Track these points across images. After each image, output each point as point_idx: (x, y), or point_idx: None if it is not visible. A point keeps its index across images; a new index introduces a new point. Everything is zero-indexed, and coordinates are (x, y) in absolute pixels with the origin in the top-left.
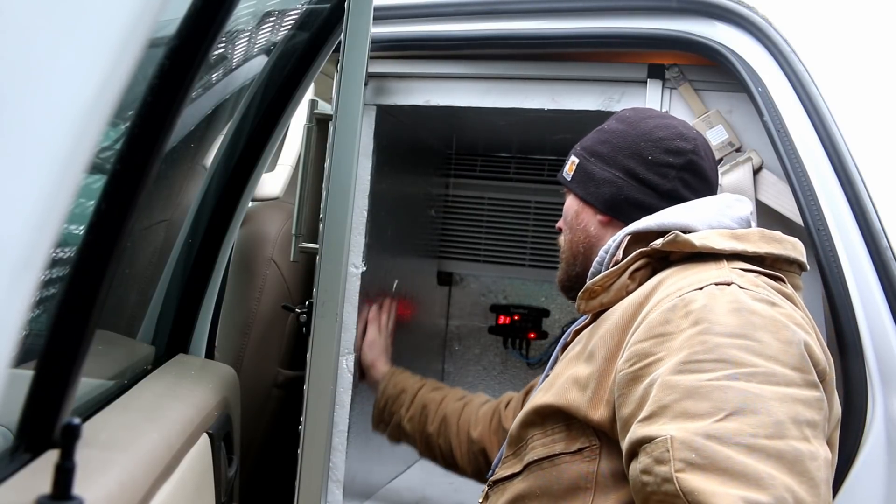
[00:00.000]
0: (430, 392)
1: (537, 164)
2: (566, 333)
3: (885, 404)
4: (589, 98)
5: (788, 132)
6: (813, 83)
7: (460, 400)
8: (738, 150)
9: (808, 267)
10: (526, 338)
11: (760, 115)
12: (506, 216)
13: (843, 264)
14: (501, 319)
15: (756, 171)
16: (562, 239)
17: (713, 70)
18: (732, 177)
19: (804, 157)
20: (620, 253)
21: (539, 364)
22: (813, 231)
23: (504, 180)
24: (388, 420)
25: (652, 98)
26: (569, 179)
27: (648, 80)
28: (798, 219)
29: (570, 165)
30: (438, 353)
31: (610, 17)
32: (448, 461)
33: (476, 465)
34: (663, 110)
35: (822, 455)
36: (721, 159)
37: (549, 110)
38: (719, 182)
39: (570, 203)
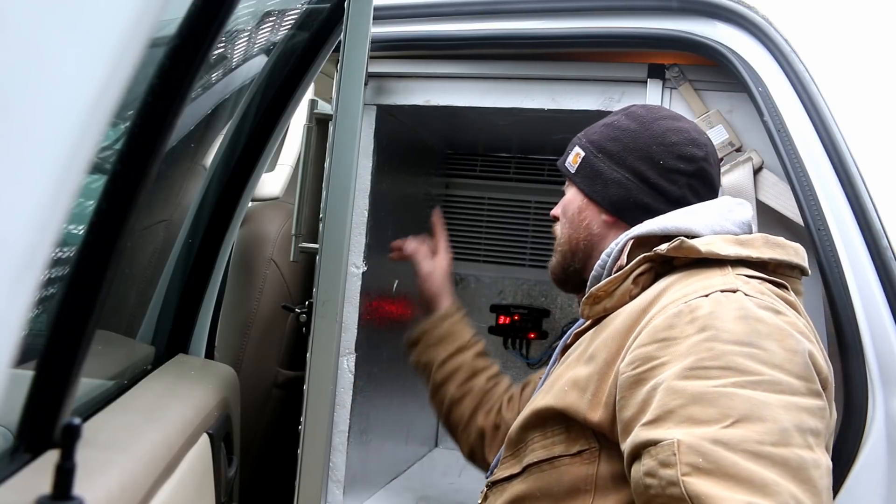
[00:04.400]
0: (474, 359)
1: (537, 164)
2: (566, 336)
3: (886, 404)
4: (589, 98)
5: (789, 132)
6: (813, 83)
7: (491, 379)
8: (738, 150)
9: (810, 272)
10: (526, 338)
11: (761, 114)
12: (506, 216)
13: (843, 264)
14: (501, 319)
15: (756, 171)
16: (558, 229)
17: (713, 70)
18: (732, 177)
19: (804, 157)
20: (624, 258)
21: (539, 364)
22: (813, 231)
23: (504, 180)
24: (422, 362)
25: (652, 98)
26: (573, 172)
27: (648, 79)
28: (798, 219)
29: (575, 157)
30: None
31: (610, 17)
32: (448, 425)
33: (470, 446)
34: None
35: (824, 463)
36: (721, 159)
37: (549, 110)
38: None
39: (573, 197)
